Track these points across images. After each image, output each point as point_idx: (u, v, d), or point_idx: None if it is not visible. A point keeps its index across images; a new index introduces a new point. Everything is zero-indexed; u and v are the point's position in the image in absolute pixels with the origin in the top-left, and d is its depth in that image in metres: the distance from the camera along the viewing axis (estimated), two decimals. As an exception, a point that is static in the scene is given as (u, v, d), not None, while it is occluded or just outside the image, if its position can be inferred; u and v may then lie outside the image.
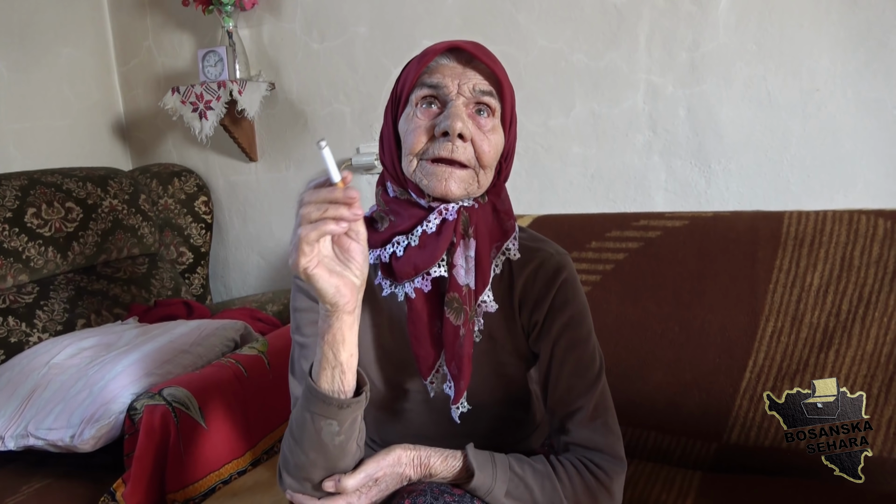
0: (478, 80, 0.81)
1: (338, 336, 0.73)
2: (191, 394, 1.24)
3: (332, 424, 0.75)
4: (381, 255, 0.85)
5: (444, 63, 0.82)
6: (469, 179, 0.82)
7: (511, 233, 0.87)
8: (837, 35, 1.42)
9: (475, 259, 0.83)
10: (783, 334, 1.23)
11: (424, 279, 0.83)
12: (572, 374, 0.85)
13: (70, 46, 2.11)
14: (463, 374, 0.83)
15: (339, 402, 0.74)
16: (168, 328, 1.48)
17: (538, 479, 0.81)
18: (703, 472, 1.23)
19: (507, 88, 0.84)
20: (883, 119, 1.42)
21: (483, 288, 0.84)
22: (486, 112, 0.83)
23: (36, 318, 1.60)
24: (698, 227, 1.34)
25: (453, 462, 0.82)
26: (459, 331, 0.82)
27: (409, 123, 0.82)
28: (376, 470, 0.79)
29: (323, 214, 0.66)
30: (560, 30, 1.67)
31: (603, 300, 1.37)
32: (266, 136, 2.09)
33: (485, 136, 0.82)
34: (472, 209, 0.84)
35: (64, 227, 1.72)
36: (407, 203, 0.85)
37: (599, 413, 0.85)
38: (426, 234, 0.82)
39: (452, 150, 0.80)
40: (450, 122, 0.79)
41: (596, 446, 0.84)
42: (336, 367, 0.74)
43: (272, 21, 2.00)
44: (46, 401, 1.27)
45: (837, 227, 1.24)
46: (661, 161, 1.62)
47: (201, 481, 1.23)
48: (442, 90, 0.81)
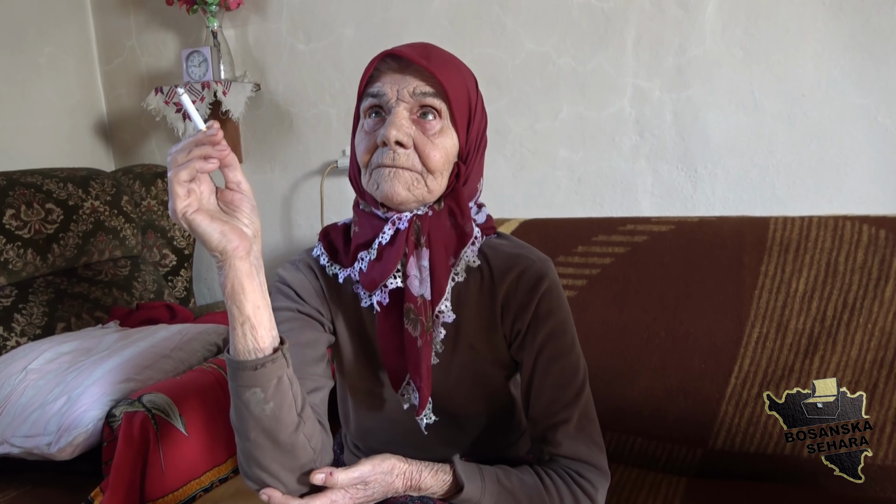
0: (417, 83, 0.80)
1: (236, 286, 0.69)
2: (171, 400, 1.22)
3: (256, 392, 0.71)
4: (351, 273, 0.86)
5: (382, 70, 0.81)
6: (412, 181, 0.80)
7: (468, 237, 0.84)
8: (823, 41, 1.43)
9: (430, 268, 0.82)
10: (769, 340, 1.23)
11: (383, 292, 0.82)
12: (556, 385, 0.84)
13: (52, 45, 2.08)
14: (424, 385, 0.82)
15: (253, 364, 0.70)
16: (149, 332, 1.46)
17: (526, 491, 0.81)
18: (689, 477, 1.23)
19: (451, 88, 0.81)
20: (868, 125, 1.42)
21: (439, 298, 0.82)
22: (433, 114, 0.81)
23: (14, 322, 1.57)
24: (684, 232, 1.34)
25: (444, 476, 0.81)
26: (417, 342, 0.81)
27: (358, 136, 0.84)
28: (371, 473, 0.77)
29: (189, 156, 0.66)
30: (547, 33, 1.66)
31: (589, 305, 1.36)
32: (251, 138, 2.07)
33: (429, 140, 0.80)
34: (425, 217, 0.82)
35: (44, 229, 1.69)
36: (370, 215, 0.85)
37: (584, 424, 0.84)
38: (381, 246, 0.82)
39: (394, 159, 0.79)
40: (385, 130, 0.78)
41: (582, 458, 0.83)
42: (244, 322, 0.70)
43: (258, 21, 1.98)
44: (23, 407, 1.24)
45: (823, 232, 1.24)
46: (647, 165, 1.62)
47: (182, 489, 1.21)
48: (383, 98, 0.80)
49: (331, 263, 0.89)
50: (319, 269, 0.90)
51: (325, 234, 0.91)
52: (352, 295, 0.88)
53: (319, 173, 1.97)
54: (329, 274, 0.89)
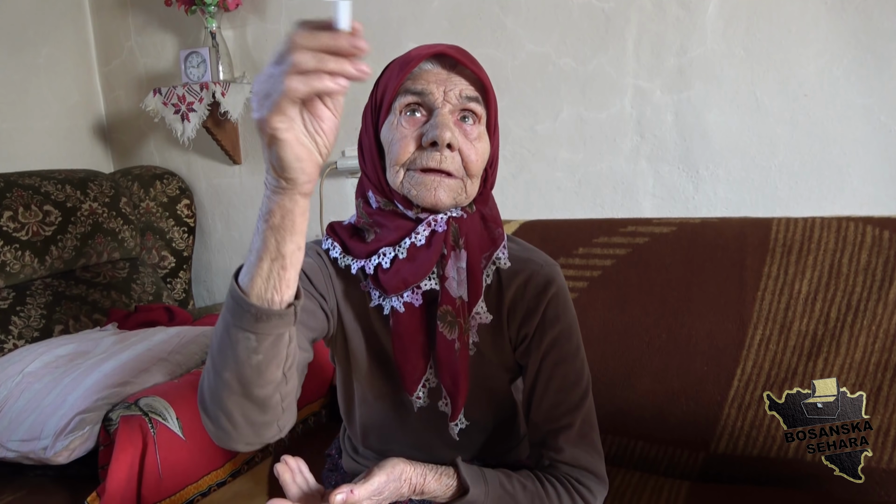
0: (464, 86, 0.79)
1: (286, 220, 0.59)
2: (168, 404, 1.21)
3: (250, 339, 0.63)
4: (366, 266, 0.82)
5: (428, 69, 0.79)
6: (458, 189, 0.79)
7: (500, 241, 0.85)
8: (826, 41, 1.42)
9: (467, 270, 0.81)
10: (771, 342, 1.22)
11: (415, 293, 0.80)
12: (559, 391, 0.84)
13: (50, 46, 2.07)
14: (459, 390, 0.81)
15: (259, 312, 0.61)
16: (146, 335, 1.45)
17: (528, 497, 0.80)
18: (691, 481, 1.21)
19: (492, 94, 0.82)
20: (871, 125, 1.41)
21: (476, 299, 0.82)
22: (472, 119, 0.80)
23: (11, 325, 1.56)
24: (686, 234, 1.33)
25: (447, 481, 0.80)
26: (454, 345, 0.80)
27: (394, 133, 0.79)
28: (386, 483, 0.76)
29: (320, 65, 0.51)
30: (547, 34, 1.65)
31: (590, 307, 1.35)
32: (250, 139, 2.06)
33: (471, 144, 0.79)
34: (462, 219, 0.81)
35: (42, 231, 1.68)
36: (393, 214, 0.82)
37: (586, 431, 0.84)
38: (415, 247, 0.79)
39: (441, 161, 0.77)
40: (438, 131, 0.76)
41: (583, 465, 0.83)
42: (276, 259, 0.61)
43: (256, 22, 1.97)
44: (19, 411, 1.23)
45: (826, 234, 1.23)
46: (648, 166, 1.61)
47: (179, 493, 1.19)
48: (427, 97, 0.78)
49: (343, 255, 0.85)
50: (330, 260, 0.87)
51: (332, 230, 0.89)
52: (361, 292, 0.86)
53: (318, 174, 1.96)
54: (341, 266, 0.85)
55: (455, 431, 0.85)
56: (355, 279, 0.86)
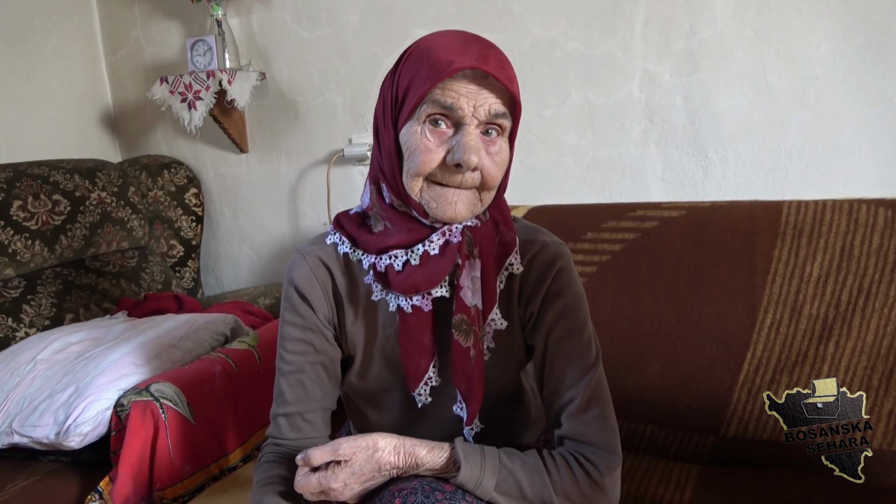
0: (493, 102, 0.76)
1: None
2: (179, 389, 1.21)
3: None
4: (376, 263, 0.82)
5: (458, 80, 0.75)
6: (474, 200, 0.80)
7: (512, 247, 0.85)
8: (837, 22, 1.40)
9: (481, 279, 0.81)
10: (782, 326, 1.21)
11: (425, 298, 0.81)
12: (565, 365, 0.83)
13: (56, 36, 2.07)
14: (474, 396, 0.82)
15: None
16: (157, 322, 1.45)
17: (527, 472, 0.78)
18: (701, 465, 1.21)
19: (519, 106, 0.80)
20: (883, 107, 1.39)
21: (491, 307, 0.82)
22: (496, 131, 0.79)
23: (23, 313, 1.57)
24: (696, 218, 1.32)
25: (440, 453, 0.79)
26: (469, 352, 0.80)
27: (417, 142, 0.77)
28: (345, 448, 0.76)
29: None
30: (555, 17, 1.64)
31: (599, 292, 1.35)
32: (257, 127, 2.06)
33: (492, 159, 0.78)
34: (476, 229, 0.82)
35: (51, 220, 1.69)
36: (406, 216, 0.82)
37: (593, 405, 0.81)
38: (428, 255, 0.79)
39: (461, 182, 0.77)
40: (465, 156, 0.74)
41: (588, 440, 0.80)
42: None
43: (262, 9, 1.97)
44: (32, 397, 1.24)
45: (837, 216, 1.22)
46: (657, 150, 1.60)
47: (190, 478, 1.21)
48: (456, 112, 0.75)
49: (353, 250, 0.85)
50: (334, 260, 0.87)
51: (339, 224, 0.88)
52: (366, 284, 0.86)
53: (325, 162, 1.96)
54: (353, 259, 0.86)
55: (470, 436, 0.85)
56: (361, 271, 0.86)
